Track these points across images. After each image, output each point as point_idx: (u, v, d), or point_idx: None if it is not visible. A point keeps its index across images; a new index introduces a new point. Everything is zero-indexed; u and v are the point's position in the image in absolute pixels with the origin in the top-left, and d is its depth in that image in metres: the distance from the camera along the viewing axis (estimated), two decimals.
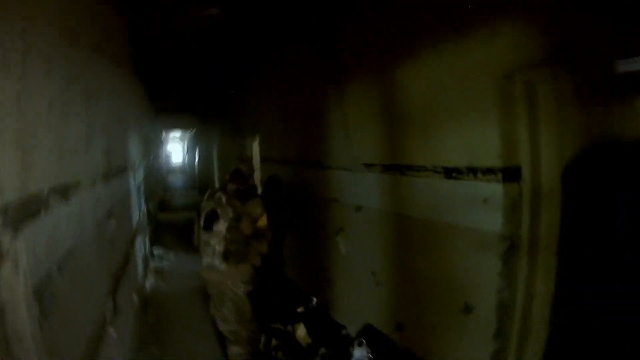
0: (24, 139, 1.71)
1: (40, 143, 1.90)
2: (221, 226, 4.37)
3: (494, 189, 2.71)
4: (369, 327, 4.22)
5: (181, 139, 30.34)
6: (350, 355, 3.90)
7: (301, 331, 4.54)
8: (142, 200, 7.30)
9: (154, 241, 9.22)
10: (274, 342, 4.59)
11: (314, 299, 5.30)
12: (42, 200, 1.87)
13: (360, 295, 4.59)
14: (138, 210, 6.41)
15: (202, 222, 4.53)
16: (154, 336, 5.21)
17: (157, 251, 8.62)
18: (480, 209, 2.82)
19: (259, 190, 6.84)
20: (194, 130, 21.21)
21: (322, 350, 4.29)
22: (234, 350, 4.45)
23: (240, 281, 4.43)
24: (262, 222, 4.53)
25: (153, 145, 11.79)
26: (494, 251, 2.74)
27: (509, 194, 2.66)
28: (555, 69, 2.38)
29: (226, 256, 4.35)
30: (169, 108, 14.18)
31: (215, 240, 4.38)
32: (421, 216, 3.44)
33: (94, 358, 2.51)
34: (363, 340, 3.95)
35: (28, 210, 1.68)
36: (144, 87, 8.33)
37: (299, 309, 4.99)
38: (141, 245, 6.46)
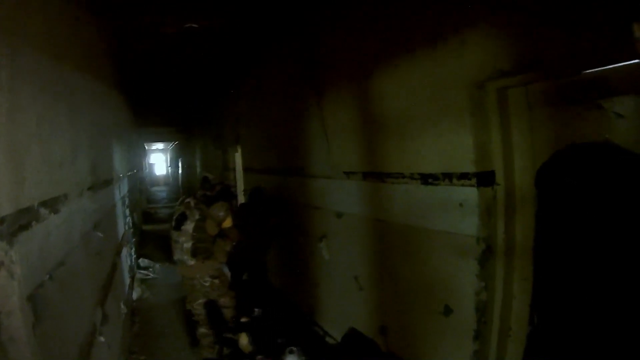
0: (16, 153, 1.80)
1: (31, 157, 1.99)
2: (188, 226, 4.85)
3: (469, 193, 2.81)
4: (353, 331, 4.32)
5: (164, 151, 30.30)
6: None
7: (243, 340, 4.87)
8: (127, 212, 7.35)
9: (139, 252, 9.25)
10: (225, 350, 5.00)
11: (256, 310, 5.57)
12: (34, 212, 1.95)
13: (343, 300, 4.69)
14: (123, 222, 6.47)
15: (172, 224, 5.00)
16: (141, 345, 5.27)
17: (142, 262, 8.64)
18: (456, 213, 2.93)
19: (243, 201, 6.98)
20: (177, 142, 21.22)
21: (259, 357, 4.67)
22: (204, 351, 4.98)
23: (207, 275, 4.92)
24: (227, 223, 4.95)
25: (137, 158, 11.80)
26: (471, 254, 2.84)
27: (484, 198, 2.77)
28: (526, 77, 2.49)
29: (194, 253, 4.82)
30: (152, 121, 14.22)
31: (183, 239, 4.83)
32: (400, 221, 3.55)
33: None
34: (294, 348, 4.31)
35: (21, 221, 1.76)
36: (127, 101, 8.39)
37: (243, 319, 5.25)
38: (127, 256, 6.51)
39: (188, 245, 4.78)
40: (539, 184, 2.58)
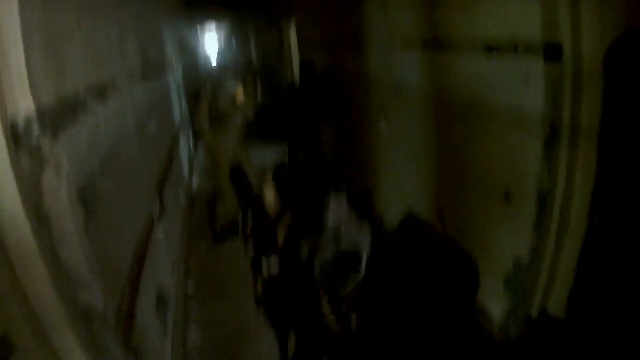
0: (54, 43, 1.68)
1: (71, 47, 1.87)
2: None
3: (535, 66, 2.54)
4: (411, 218, 4.20)
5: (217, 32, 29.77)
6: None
7: (269, 195, 4.30)
8: (183, 98, 7.31)
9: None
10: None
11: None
12: (79, 102, 1.87)
13: (401, 181, 4.52)
14: (179, 108, 6.44)
15: None
16: (201, 234, 5.39)
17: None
18: (521, 88, 2.67)
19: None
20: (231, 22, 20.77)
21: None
22: None
23: None
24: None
25: (190, 42, 11.62)
26: (535, 134, 2.61)
27: (550, 72, 2.49)
28: None
29: None
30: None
31: None
32: (461, 96, 3.29)
33: (142, 258, 2.61)
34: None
35: (65, 113, 1.68)
36: None
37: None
38: (185, 143, 6.55)
39: None
40: (607, 63, 2.27)
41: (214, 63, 13.60)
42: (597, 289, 2.38)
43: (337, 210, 3.92)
